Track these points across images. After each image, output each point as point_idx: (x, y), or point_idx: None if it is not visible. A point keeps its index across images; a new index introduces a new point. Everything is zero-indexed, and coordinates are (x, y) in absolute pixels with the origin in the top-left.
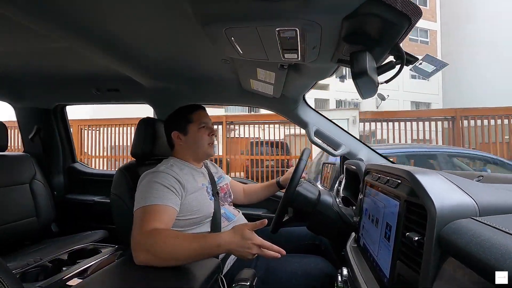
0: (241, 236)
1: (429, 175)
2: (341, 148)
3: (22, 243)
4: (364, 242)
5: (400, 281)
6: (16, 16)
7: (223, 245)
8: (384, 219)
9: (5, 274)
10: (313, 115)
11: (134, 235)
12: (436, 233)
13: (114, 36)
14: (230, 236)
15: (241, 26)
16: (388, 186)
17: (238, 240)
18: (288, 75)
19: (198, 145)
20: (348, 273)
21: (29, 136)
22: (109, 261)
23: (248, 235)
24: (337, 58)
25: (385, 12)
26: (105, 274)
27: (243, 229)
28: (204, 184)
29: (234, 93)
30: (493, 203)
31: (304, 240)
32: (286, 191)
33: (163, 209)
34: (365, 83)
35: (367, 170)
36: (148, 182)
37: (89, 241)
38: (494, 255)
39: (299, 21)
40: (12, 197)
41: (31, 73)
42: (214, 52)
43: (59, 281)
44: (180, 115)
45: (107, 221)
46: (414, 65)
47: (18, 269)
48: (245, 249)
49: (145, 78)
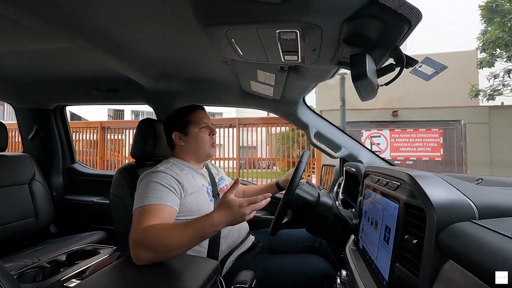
0: (228, 207)
1: (429, 178)
2: (341, 150)
3: (21, 243)
4: (363, 245)
5: (399, 284)
6: (16, 16)
7: (218, 222)
8: (384, 221)
9: (3, 275)
10: (313, 117)
11: (132, 235)
12: (435, 236)
13: (114, 37)
14: (220, 213)
15: (241, 27)
16: (387, 189)
17: (229, 212)
18: (288, 77)
19: (199, 146)
20: (347, 275)
21: (28, 137)
22: (108, 262)
23: (233, 203)
24: (337, 60)
25: (386, 15)
26: (103, 275)
27: (225, 200)
28: (204, 185)
29: (234, 94)
30: (492, 206)
31: (303, 242)
32: (285, 194)
33: (162, 209)
34: (364, 85)
35: (367, 173)
36: (147, 182)
37: (88, 242)
38: (493, 258)
39: (299, 23)
40: (11, 198)
41: (31, 73)
42: (215, 53)
43: (57, 282)
44: (180, 115)
45: (106, 222)
46: (414, 68)
47: (16, 270)
48: (239, 216)
49: (145, 79)
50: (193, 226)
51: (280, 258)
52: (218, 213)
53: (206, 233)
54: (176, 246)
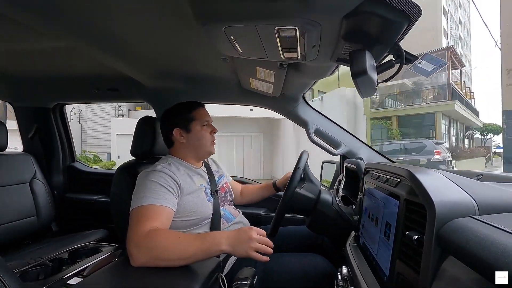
0: (238, 231)
1: (429, 174)
2: (341, 147)
3: (22, 242)
4: (364, 241)
5: (399, 280)
6: (16, 16)
7: (223, 242)
8: (384, 218)
9: (6, 273)
10: (312, 114)
11: (131, 236)
12: (435, 232)
13: (113, 35)
14: (230, 233)
15: (240, 25)
16: (387, 185)
17: (237, 236)
18: (287, 74)
19: (201, 143)
20: (348, 271)
21: (28, 135)
22: (109, 260)
23: (246, 231)
24: (336, 57)
25: (385, 11)
26: (105, 273)
27: (243, 228)
28: (202, 185)
29: (233, 92)
30: (493, 202)
31: (305, 240)
32: (283, 197)
33: (160, 210)
34: (364, 82)
35: (367, 169)
36: (145, 181)
37: (89, 240)
38: (493, 254)
39: (298, 20)
40: (12, 196)
41: (31, 72)
42: (214, 51)
43: (59, 280)
44: (181, 112)
45: (107, 220)
46: (414, 64)
47: (18, 268)
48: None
49: (144, 77)
50: (199, 240)
51: (281, 257)
52: (226, 233)
53: (210, 250)
54: (179, 258)
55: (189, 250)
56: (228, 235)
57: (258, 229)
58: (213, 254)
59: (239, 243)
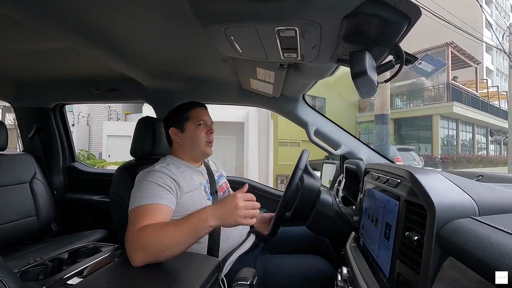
0: (223, 200)
1: (429, 175)
2: (341, 147)
3: (22, 242)
4: (364, 242)
5: (399, 280)
6: (16, 16)
7: (208, 217)
8: (384, 218)
9: (6, 273)
10: (312, 114)
11: (126, 237)
12: (435, 233)
13: (113, 35)
14: (214, 207)
15: (240, 25)
16: (387, 186)
17: (222, 205)
18: (287, 74)
19: (195, 144)
20: (348, 272)
21: (28, 135)
22: (109, 260)
23: (229, 196)
24: (336, 58)
25: (385, 12)
26: (105, 273)
27: (227, 197)
28: (202, 183)
29: (233, 92)
30: (493, 203)
31: (305, 241)
32: (283, 197)
33: (157, 208)
34: (364, 82)
35: (367, 170)
36: (143, 182)
37: (89, 240)
38: (493, 254)
39: (298, 21)
40: (12, 197)
41: (31, 72)
42: (214, 51)
43: (59, 280)
44: (178, 111)
45: (107, 220)
46: (414, 65)
47: (18, 268)
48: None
49: (144, 78)
50: (186, 222)
51: (280, 259)
52: (211, 207)
53: (198, 228)
54: (171, 244)
55: (179, 234)
56: (213, 209)
57: (243, 194)
58: (203, 232)
59: (227, 214)
